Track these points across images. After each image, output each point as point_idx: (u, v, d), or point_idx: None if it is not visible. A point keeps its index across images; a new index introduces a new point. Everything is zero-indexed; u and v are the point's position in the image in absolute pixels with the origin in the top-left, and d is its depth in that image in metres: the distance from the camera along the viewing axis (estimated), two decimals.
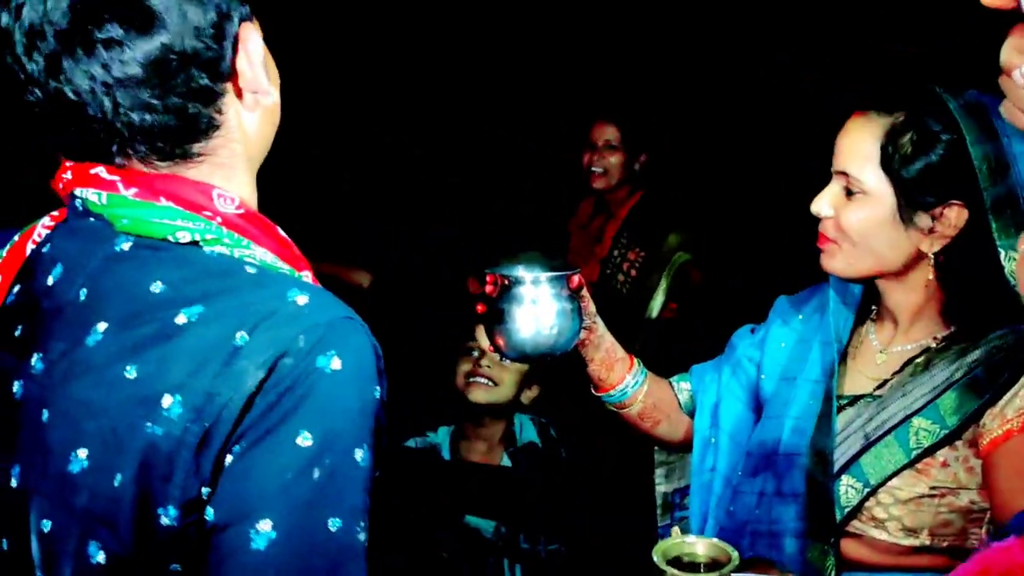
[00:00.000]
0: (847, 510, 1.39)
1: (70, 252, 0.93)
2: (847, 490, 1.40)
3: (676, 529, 1.40)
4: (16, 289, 0.96)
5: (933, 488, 1.36)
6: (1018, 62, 0.82)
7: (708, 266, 3.06)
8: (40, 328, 0.92)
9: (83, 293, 0.90)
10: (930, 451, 1.35)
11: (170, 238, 0.90)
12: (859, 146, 1.39)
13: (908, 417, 1.38)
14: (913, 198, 1.36)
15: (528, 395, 2.36)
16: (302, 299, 0.87)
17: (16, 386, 0.91)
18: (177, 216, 0.90)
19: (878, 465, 1.38)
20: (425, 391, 2.43)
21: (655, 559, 1.26)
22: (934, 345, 1.44)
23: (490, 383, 2.27)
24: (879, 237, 1.39)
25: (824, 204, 1.42)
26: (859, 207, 1.39)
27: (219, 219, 0.91)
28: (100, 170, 0.91)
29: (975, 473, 1.34)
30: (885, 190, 1.37)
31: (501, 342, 1.43)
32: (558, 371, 1.69)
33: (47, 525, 0.89)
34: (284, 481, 0.83)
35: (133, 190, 0.90)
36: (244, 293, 0.88)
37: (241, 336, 0.85)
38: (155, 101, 0.87)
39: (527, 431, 2.37)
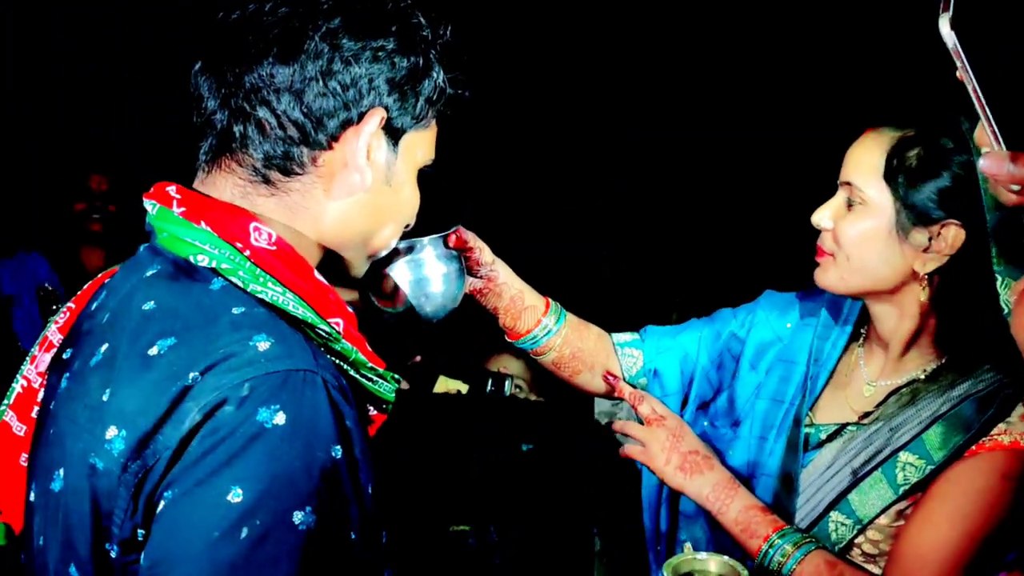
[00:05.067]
0: (838, 547, 1.37)
1: (116, 278, 1.00)
2: (837, 527, 1.38)
3: (688, 545, 1.39)
4: (80, 316, 1.02)
5: None
6: (985, 142, 0.80)
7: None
8: (75, 350, 0.96)
9: (107, 316, 0.95)
10: (918, 487, 1.33)
11: (191, 259, 0.93)
12: (866, 157, 1.37)
13: (895, 452, 1.36)
14: (913, 212, 1.33)
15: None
16: (264, 345, 0.85)
17: (52, 405, 0.95)
18: (207, 240, 0.93)
19: (867, 502, 1.36)
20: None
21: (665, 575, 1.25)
22: (922, 377, 1.42)
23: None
24: (873, 250, 1.36)
25: (825, 216, 1.40)
26: (857, 218, 1.37)
27: (248, 251, 0.94)
28: (171, 188, 0.98)
29: None
30: (886, 202, 1.35)
31: (381, 305, 1.39)
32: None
33: (40, 540, 0.91)
34: (210, 539, 0.78)
35: (181, 209, 0.95)
36: (216, 331, 0.86)
37: (194, 376, 0.83)
38: (265, 111, 0.94)
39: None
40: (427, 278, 1.36)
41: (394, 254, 1.34)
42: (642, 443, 1.46)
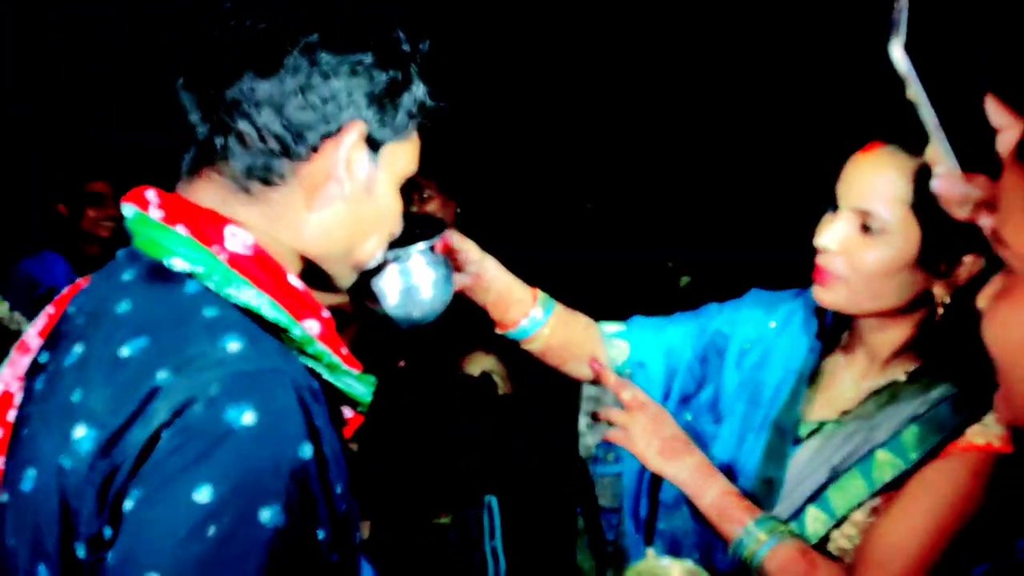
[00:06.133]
0: (813, 542, 1.39)
1: (94, 282, 1.01)
2: (813, 521, 1.40)
3: (650, 551, 1.41)
4: (59, 320, 1.02)
5: None
6: (937, 160, 0.83)
7: None
8: (51, 353, 0.97)
9: (83, 319, 0.96)
10: (892, 484, 1.35)
11: (166, 262, 0.94)
12: (885, 184, 1.32)
13: (872, 450, 1.38)
14: (941, 245, 1.31)
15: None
16: (234, 346, 0.87)
17: (27, 407, 0.96)
18: (183, 244, 0.94)
19: (843, 497, 1.38)
20: None
21: None
22: (903, 378, 1.43)
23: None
24: (894, 279, 1.35)
25: (834, 239, 1.36)
26: (880, 247, 1.33)
27: (224, 255, 0.95)
28: (150, 192, 0.99)
29: None
30: (911, 232, 1.32)
31: (372, 306, 1.41)
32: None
33: (11, 540, 0.92)
34: (177, 537, 0.79)
35: (160, 213, 0.96)
36: (188, 333, 0.88)
37: (163, 376, 0.84)
38: (246, 125, 0.95)
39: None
40: (416, 286, 1.38)
41: (383, 264, 1.35)
42: (624, 428, 1.49)
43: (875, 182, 1.33)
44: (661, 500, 1.60)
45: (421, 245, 1.38)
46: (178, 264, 0.94)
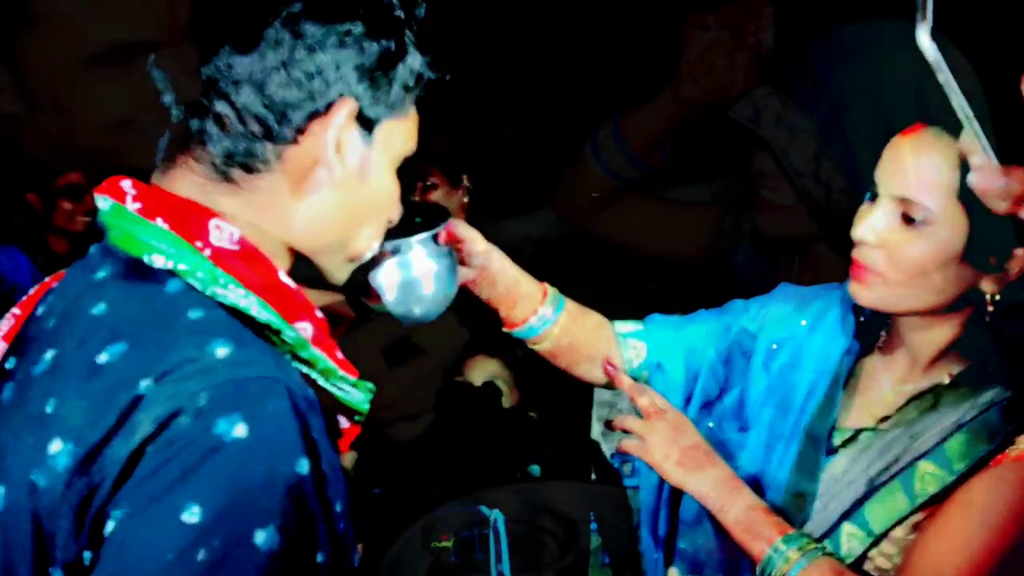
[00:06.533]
0: (848, 561, 1.31)
1: (65, 281, 0.97)
2: (849, 539, 1.32)
3: (672, 571, 1.35)
4: (26, 322, 0.98)
5: None
6: (972, 150, 0.80)
7: None
8: (19, 359, 0.93)
9: (53, 321, 0.92)
10: (936, 498, 1.27)
11: (145, 258, 0.89)
12: (928, 170, 1.23)
13: (914, 461, 1.30)
14: (992, 236, 1.23)
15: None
16: (222, 351, 0.82)
17: None
18: (163, 239, 0.89)
19: (882, 513, 1.30)
20: None
21: None
22: (946, 381, 1.35)
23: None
24: (939, 274, 1.25)
25: (872, 231, 1.28)
26: (923, 239, 1.24)
27: (208, 251, 0.90)
28: (126, 183, 0.94)
29: None
30: (959, 223, 1.23)
31: (370, 303, 1.33)
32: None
33: None
34: (163, 562, 0.74)
35: (137, 205, 0.92)
36: (171, 337, 0.83)
37: (146, 385, 0.80)
38: (224, 105, 0.90)
39: None
40: (418, 280, 1.30)
41: (381, 256, 1.27)
42: (640, 437, 1.41)
43: (918, 168, 1.25)
44: (681, 516, 1.51)
45: (423, 235, 1.31)
46: (159, 261, 0.88)
